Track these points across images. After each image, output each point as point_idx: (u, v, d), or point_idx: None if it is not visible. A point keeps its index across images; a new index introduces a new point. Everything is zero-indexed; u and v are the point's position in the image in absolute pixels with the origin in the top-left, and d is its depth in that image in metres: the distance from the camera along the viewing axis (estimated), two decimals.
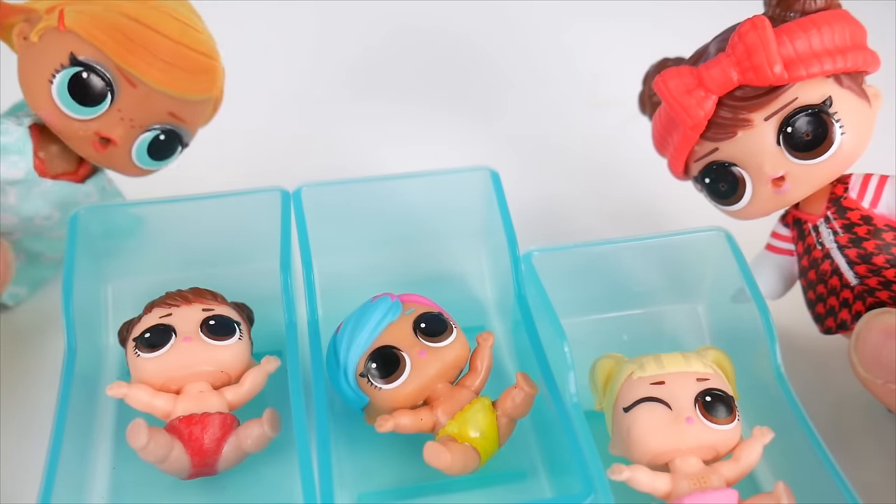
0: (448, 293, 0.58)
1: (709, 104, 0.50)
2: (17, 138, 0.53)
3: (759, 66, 0.48)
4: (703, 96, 0.50)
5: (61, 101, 0.51)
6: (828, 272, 0.52)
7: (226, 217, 0.58)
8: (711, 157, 0.52)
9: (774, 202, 0.52)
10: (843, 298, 0.52)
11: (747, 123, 0.50)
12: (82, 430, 0.50)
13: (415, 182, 0.59)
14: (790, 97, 0.49)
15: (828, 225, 0.52)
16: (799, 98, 0.49)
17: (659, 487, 0.45)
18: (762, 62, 0.48)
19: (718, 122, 0.50)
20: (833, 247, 0.52)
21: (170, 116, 0.54)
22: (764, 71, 0.48)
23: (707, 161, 0.52)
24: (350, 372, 0.49)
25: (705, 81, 0.50)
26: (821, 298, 0.53)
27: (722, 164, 0.52)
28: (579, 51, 0.85)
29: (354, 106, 0.79)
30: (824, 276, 0.53)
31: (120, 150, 0.54)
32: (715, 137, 0.51)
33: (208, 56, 0.54)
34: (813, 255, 0.53)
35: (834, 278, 0.52)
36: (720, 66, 0.49)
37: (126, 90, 0.52)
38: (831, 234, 0.52)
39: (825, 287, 0.53)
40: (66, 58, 0.51)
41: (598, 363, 0.51)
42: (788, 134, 0.49)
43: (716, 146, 0.51)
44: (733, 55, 0.49)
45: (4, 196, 0.54)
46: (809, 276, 0.54)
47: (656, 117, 0.55)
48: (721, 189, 0.52)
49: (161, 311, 0.51)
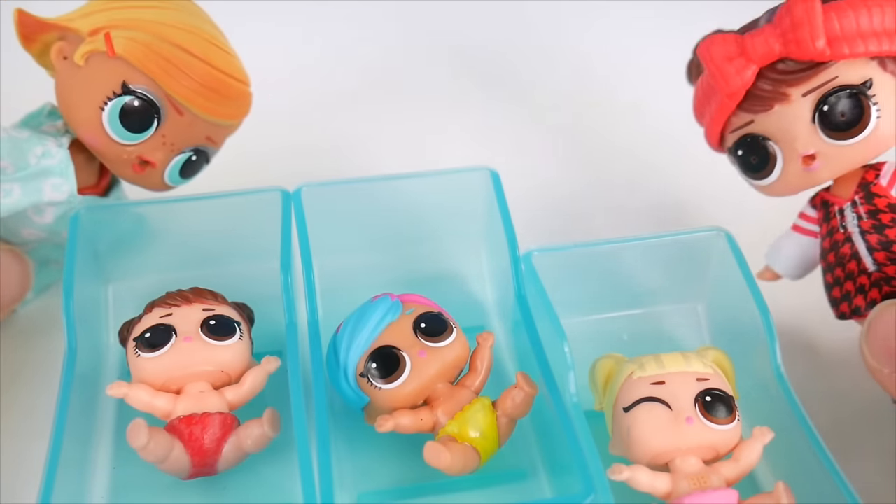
0: (448, 293, 0.59)
1: (748, 73, 0.50)
2: (60, 161, 0.54)
3: (803, 39, 0.48)
4: (744, 65, 0.50)
5: (111, 128, 0.52)
6: (847, 255, 0.52)
7: (226, 217, 0.58)
8: (746, 129, 0.52)
9: (803, 180, 0.52)
10: (859, 284, 0.51)
11: (785, 97, 0.50)
12: (82, 430, 0.50)
13: (415, 182, 0.59)
14: (830, 75, 0.49)
15: (853, 209, 0.52)
16: (839, 77, 0.49)
17: (659, 487, 0.45)
18: (806, 36, 0.48)
19: (756, 94, 0.50)
20: (855, 231, 0.52)
21: (206, 139, 0.56)
22: (807, 45, 0.48)
23: (741, 133, 0.52)
24: (350, 372, 0.49)
25: (748, 50, 0.49)
26: (837, 282, 0.53)
27: (755, 136, 0.51)
28: (580, 51, 0.85)
29: (355, 106, 0.79)
30: (843, 259, 0.52)
31: (156, 171, 0.55)
32: (751, 109, 0.51)
33: (245, 83, 0.56)
34: (835, 238, 0.53)
35: (852, 262, 0.52)
36: (764, 36, 0.49)
37: (172, 117, 0.53)
38: (855, 217, 0.52)
39: (843, 270, 0.52)
40: (118, 86, 0.52)
41: (598, 363, 0.51)
42: (824, 112, 0.49)
43: (751, 118, 0.51)
44: (779, 26, 0.49)
45: (41, 216, 0.55)
46: (829, 258, 0.53)
47: (698, 84, 0.55)
48: (752, 162, 0.52)
49: (161, 310, 0.51)
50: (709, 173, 0.56)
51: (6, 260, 0.55)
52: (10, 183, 0.52)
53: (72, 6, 0.54)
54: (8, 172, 0.52)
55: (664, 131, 0.71)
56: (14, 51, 0.54)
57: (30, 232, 0.56)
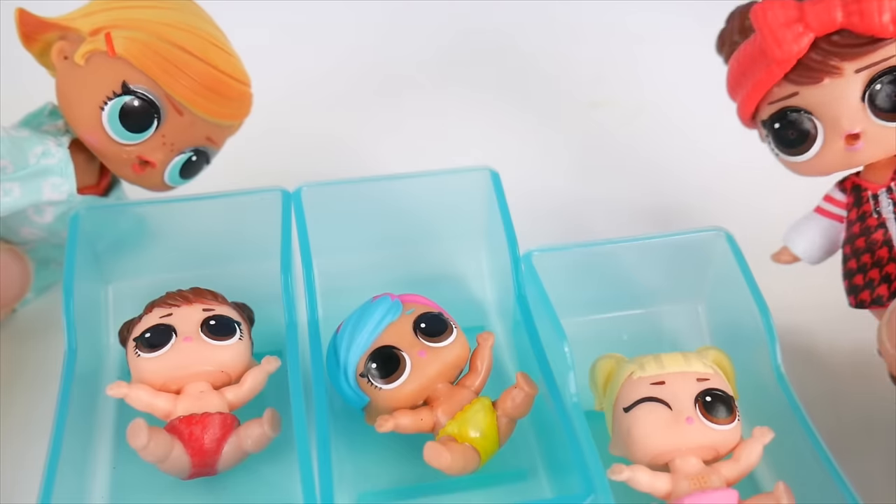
0: (448, 293, 0.59)
1: (805, 41, 0.48)
2: (60, 160, 0.54)
3: (868, 11, 0.47)
4: (801, 32, 0.48)
5: (111, 127, 0.53)
6: (878, 242, 0.51)
7: (226, 217, 0.58)
8: (789, 101, 0.50)
9: (842, 160, 0.50)
10: (885, 273, 0.50)
11: (837, 71, 0.48)
12: (82, 430, 0.50)
13: (415, 182, 0.59)
14: (887, 53, 0.48)
15: (889, 195, 0.51)
16: None
17: (659, 487, 0.45)
18: (872, 8, 0.46)
19: (807, 64, 0.49)
20: (891, 217, 0.51)
21: (206, 140, 0.56)
22: (871, 17, 0.47)
23: (782, 105, 0.51)
24: (350, 372, 0.49)
25: (807, 16, 0.48)
26: (862, 269, 0.52)
27: (797, 110, 0.50)
28: (581, 50, 0.85)
29: (355, 106, 0.79)
30: (874, 245, 0.51)
31: (156, 172, 0.55)
32: (799, 80, 0.49)
33: (245, 83, 0.56)
34: (867, 223, 0.52)
35: (883, 249, 0.51)
36: (826, 3, 0.48)
37: (172, 117, 0.53)
38: (891, 204, 0.51)
39: (871, 257, 0.51)
40: (118, 85, 0.52)
41: (598, 363, 0.51)
42: (876, 91, 0.48)
43: (797, 90, 0.50)
44: None
45: (40, 216, 0.55)
46: (857, 243, 0.52)
47: (737, 54, 0.53)
48: (789, 137, 0.51)
49: (161, 310, 0.51)
50: (709, 173, 0.56)
51: (6, 259, 0.55)
52: (9, 182, 0.52)
53: (73, 6, 0.54)
54: (7, 172, 0.52)
55: (665, 131, 0.71)
56: (15, 50, 0.54)
57: (30, 231, 0.56)
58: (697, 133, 0.54)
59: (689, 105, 0.56)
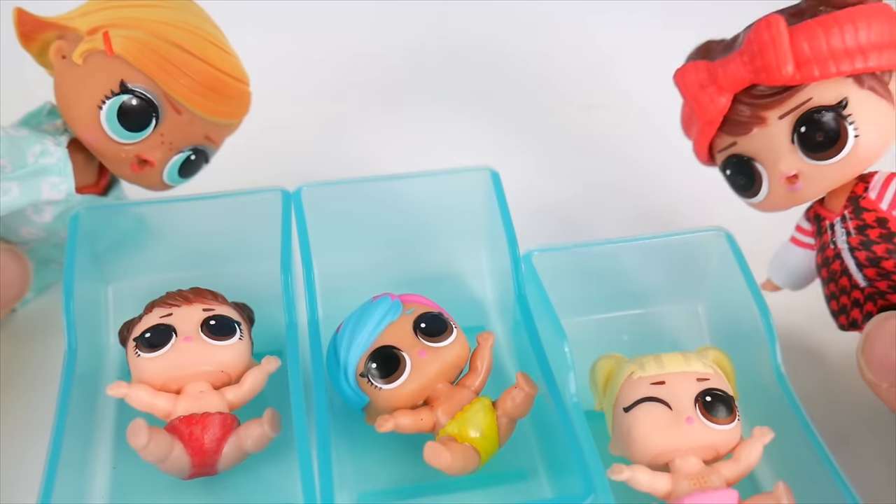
0: (448, 293, 0.59)
1: (722, 101, 0.50)
2: (59, 159, 0.54)
3: (770, 65, 0.48)
4: (717, 93, 0.50)
5: (109, 126, 0.52)
6: (838, 272, 0.52)
7: (226, 217, 0.58)
8: (731, 150, 0.52)
9: (789, 199, 0.51)
10: (853, 298, 0.52)
11: (762, 121, 0.49)
12: (82, 430, 0.50)
13: (415, 182, 0.58)
14: (805, 97, 0.48)
15: (843, 224, 0.51)
16: (814, 98, 0.48)
17: (659, 487, 0.45)
18: (772, 62, 0.47)
19: (735, 119, 0.50)
20: (844, 247, 0.51)
21: (205, 139, 0.56)
22: (774, 71, 0.48)
23: (727, 154, 0.52)
24: (350, 372, 0.49)
25: (719, 78, 0.49)
26: (834, 296, 0.53)
27: (741, 157, 0.51)
28: (578, 51, 0.85)
29: (355, 106, 0.79)
30: (835, 275, 0.52)
31: (154, 171, 0.55)
32: (731, 132, 0.51)
33: (244, 82, 0.56)
34: (826, 254, 0.53)
35: (844, 278, 0.52)
36: (733, 64, 0.49)
37: (171, 116, 0.53)
38: (844, 234, 0.51)
39: (836, 286, 0.53)
40: (116, 84, 0.52)
41: (598, 363, 0.51)
42: (802, 133, 0.49)
43: (734, 140, 0.51)
44: (746, 53, 0.49)
45: (39, 215, 0.55)
46: (823, 273, 0.54)
47: (682, 106, 0.55)
48: (740, 182, 0.52)
49: (161, 310, 0.51)
50: (710, 173, 0.55)
51: (5, 259, 0.55)
52: (8, 182, 0.52)
53: (71, 5, 0.54)
54: (6, 171, 0.52)
55: (664, 131, 0.71)
56: (14, 50, 0.54)
57: (29, 231, 0.56)
58: None
59: None
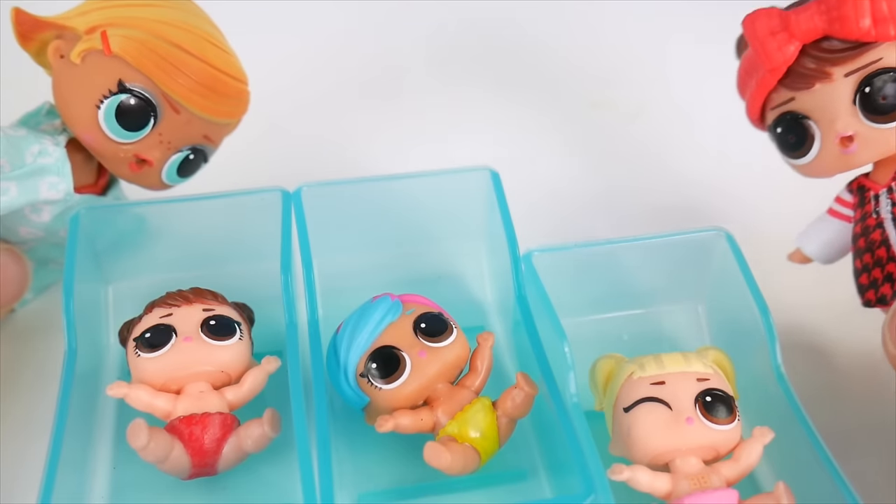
0: (448, 293, 0.59)
1: (791, 49, 0.49)
2: (57, 159, 0.53)
3: (847, 17, 0.47)
4: (787, 40, 0.49)
5: (107, 126, 0.52)
6: (877, 241, 0.51)
7: (226, 217, 0.58)
8: (786, 106, 0.51)
9: (840, 162, 0.51)
10: (887, 272, 0.51)
11: (827, 76, 0.49)
12: (82, 430, 0.50)
13: (415, 182, 0.58)
14: (875, 56, 0.48)
15: (889, 195, 0.51)
16: (884, 59, 0.48)
17: (659, 487, 0.45)
18: (850, 14, 0.47)
19: (798, 71, 0.50)
20: (888, 217, 0.51)
21: (203, 138, 0.56)
22: (851, 23, 0.47)
23: (781, 110, 0.51)
24: (350, 372, 0.49)
25: (791, 26, 0.49)
26: (866, 268, 0.52)
27: (795, 114, 0.51)
28: (580, 50, 0.85)
29: (354, 106, 0.79)
30: (873, 245, 0.52)
31: (153, 170, 0.55)
32: (793, 86, 0.50)
33: (242, 81, 0.56)
34: (867, 223, 0.52)
35: (882, 249, 0.51)
36: (809, 12, 0.48)
37: (169, 115, 0.53)
38: (889, 204, 0.51)
39: (872, 257, 0.52)
40: (114, 84, 0.52)
41: (598, 363, 0.51)
42: (866, 94, 0.48)
43: (792, 95, 0.50)
44: (823, 3, 0.48)
45: (38, 215, 0.55)
46: (859, 243, 0.53)
47: (742, 59, 0.54)
48: (790, 141, 0.51)
49: (161, 311, 0.51)
50: (710, 173, 0.56)
51: (4, 259, 0.55)
52: (6, 181, 0.51)
53: (69, 5, 0.54)
54: (4, 171, 0.51)
55: (665, 132, 0.71)
56: (13, 50, 0.54)
57: (28, 231, 0.56)
58: (697, 133, 0.55)
59: (689, 105, 0.56)
